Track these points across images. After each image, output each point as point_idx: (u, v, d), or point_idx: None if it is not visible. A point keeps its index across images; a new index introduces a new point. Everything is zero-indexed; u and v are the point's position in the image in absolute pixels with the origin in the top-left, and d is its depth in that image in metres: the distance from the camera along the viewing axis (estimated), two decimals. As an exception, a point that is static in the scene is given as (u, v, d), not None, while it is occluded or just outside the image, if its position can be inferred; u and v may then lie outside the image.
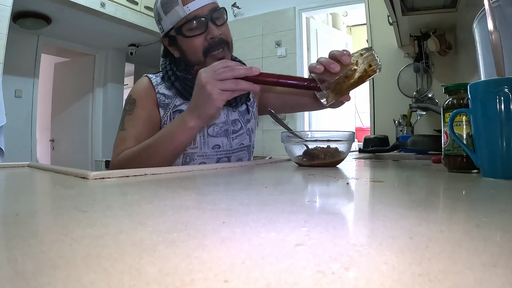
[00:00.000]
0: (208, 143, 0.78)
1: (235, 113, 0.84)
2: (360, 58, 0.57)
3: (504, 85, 0.38)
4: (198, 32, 0.73)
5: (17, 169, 0.59)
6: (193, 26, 0.72)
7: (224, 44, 0.75)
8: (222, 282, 0.11)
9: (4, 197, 0.33)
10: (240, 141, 0.84)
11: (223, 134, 0.80)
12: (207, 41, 0.73)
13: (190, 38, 0.73)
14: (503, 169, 0.39)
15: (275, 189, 0.33)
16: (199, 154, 0.78)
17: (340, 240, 0.16)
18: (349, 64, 0.56)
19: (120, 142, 0.74)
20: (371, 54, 0.57)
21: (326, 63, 0.55)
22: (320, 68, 0.55)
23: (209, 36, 0.73)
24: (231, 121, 0.82)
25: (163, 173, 0.48)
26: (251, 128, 0.88)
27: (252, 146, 0.89)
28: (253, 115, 0.89)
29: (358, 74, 0.56)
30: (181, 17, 0.72)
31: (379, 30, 2.13)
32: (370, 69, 0.57)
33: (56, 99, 4.09)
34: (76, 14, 2.78)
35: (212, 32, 0.72)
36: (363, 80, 0.58)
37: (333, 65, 0.54)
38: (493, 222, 0.19)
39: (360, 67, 0.56)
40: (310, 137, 0.62)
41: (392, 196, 0.31)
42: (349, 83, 0.57)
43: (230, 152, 0.82)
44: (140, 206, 0.24)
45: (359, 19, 4.10)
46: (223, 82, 0.56)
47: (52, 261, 0.13)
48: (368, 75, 0.57)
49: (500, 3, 0.61)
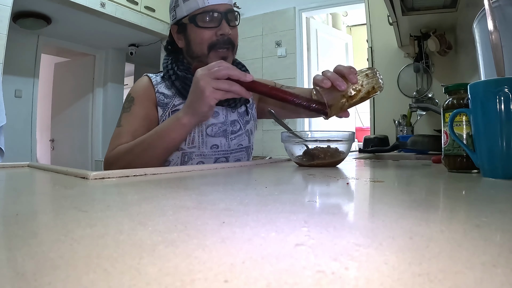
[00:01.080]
0: (206, 143, 0.79)
1: (234, 114, 0.84)
2: (365, 79, 0.57)
3: (504, 85, 0.38)
4: (210, 25, 0.75)
5: (17, 169, 0.59)
6: (207, 19, 0.75)
7: (230, 45, 0.77)
8: (222, 282, 0.11)
9: (4, 197, 0.33)
10: (238, 142, 0.84)
11: (222, 134, 0.81)
12: (216, 36, 0.75)
13: (201, 29, 0.75)
14: (503, 169, 0.39)
15: (275, 189, 0.33)
16: (197, 154, 0.78)
17: (340, 240, 0.16)
18: (355, 83, 0.56)
19: (116, 138, 0.74)
20: (376, 76, 0.57)
21: (333, 79, 0.55)
22: (328, 83, 0.55)
23: (220, 32, 0.75)
24: (230, 122, 0.83)
25: (163, 173, 0.48)
26: (250, 130, 0.88)
27: (251, 148, 0.89)
28: (252, 117, 0.90)
29: (361, 95, 0.57)
30: (199, 7, 0.74)
31: (379, 30, 2.13)
32: (373, 90, 0.57)
33: (56, 99, 4.09)
34: (76, 14, 2.78)
35: (223, 29, 0.75)
36: (364, 100, 0.58)
37: (340, 83, 0.54)
38: (493, 222, 0.19)
39: (364, 88, 0.57)
40: (310, 137, 0.62)
41: (392, 196, 0.31)
42: (352, 102, 0.57)
43: (228, 152, 0.82)
44: (140, 206, 0.24)
45: (359, 19, 4.11)
46: (217, 81, 0.57)
47: (52, 261, 0.13)
48: (369, 96, 0.58)
49: (500, 3, 0.61)
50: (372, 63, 2.14)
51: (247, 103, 0.88)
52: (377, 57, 2.14)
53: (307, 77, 3.02)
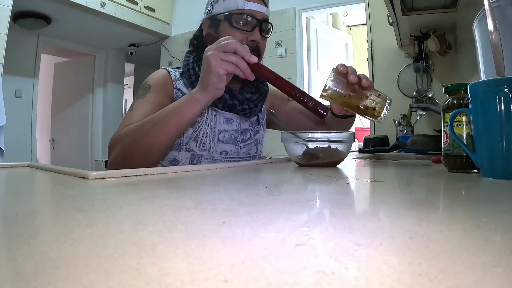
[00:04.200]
0: (216, 148, 0.79)
1: (247, 123, 0.85)
2: (376, 95, 0.60)
3: (504, 85, 0.38)
4: (244, 28, 0.76)
5: (17, 169, 0.59)
6: (243, 21, 0.75)
7: (257, 53, 0.77)
8: (222, 282, 0.11)
9: (4, 197, 0.33)
10: (247, 151, 0.85)
11: (233, 142, 0.81)
12: (246, 41, 0.76)
13: (234, 29, 0.76)
14: (503, 169, 0.39)
15: (275, 189, 0.33)
16: (207, 157, 0.78)
17: (340, 240, 0.16)
18: (365, 89, 0.59)
19: (126, 119, 0.71)
20: (385, 104, 0.60)
21: (352, 71, 0.59)
22: (355, 79, 0.59)
23: (251, 37, 0.76)
24: (241, 130, 0.83)
25: (163, 173, 0.48)
26: (259, 139, 0.89)
27: (258, 157, 0.90)
28: (262, 127, 0.90)
29: (362, 103, 0.59)
30: (238, 8, 0.75)
31: (379, 30, 2.13)
32: (372, 112, 0.60)
33: (56, 99, 4.09)
34: (76, 14, 2.78)
35: (255, 35, 0.76)
36: (359, 111, 0.61)
37: (354, 76, 0.59)
38: (493, 222, 0.19)
39: (369, 100, 0.60)
40: (310, 137, 0.62)
41: (392, 196, 0.31)
42: (351, 102, 0.60)
43: (236, 159, 0.82)
44: (140, 206, 0.24)
45: (359, 19, 4.11)
46: (225, 54, 0.59)
47: (52, 261, 0.13)
48: (364, 112, 0.60)
49: (500, 3, 0.61)
50: (372, 63, 2.14)
51: (259, 112, 0.88)
52: (377, 57, 2.14)
53: (307, 77, 3.02)
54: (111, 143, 0.70)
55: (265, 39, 0.80)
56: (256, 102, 0.81)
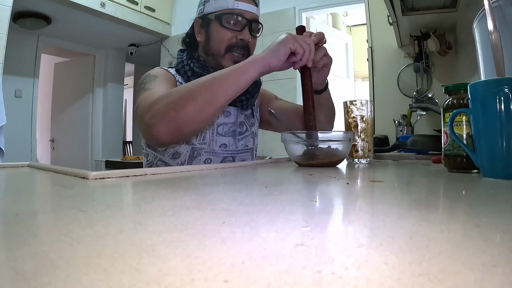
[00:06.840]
0: (216, 141, 0.80)
1: (242, 115, 0.86)
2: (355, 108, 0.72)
3: (504, 85, 0.38)
4: (233, 28, 0.77)
5: (17, 169, 0.59)
6: (233, 21, 0.77)
7: (247, 51, 0.79)
8: (222, 282, 0.11)
9: (4, 197, 0.33)
10: (245, 143, 0.86)
11: (231, 134, 0.83)
12: (236, 39, 0.78)
13: (224, 29, 0.77)
14: (503, 169, 0.39)
15: (275, 189, 0.33)
16: (207, 150, 0.79)
17: (340, 240, 0.16)
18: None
19: (148, 96, 0.65)
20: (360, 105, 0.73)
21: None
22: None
23: (240, 36, 0.78)
24: (239, 123, 0.85)
25: (163, 173, 0.48)
26: (254, 132, 0.91)
27: (255, 149, 0.91)
28: (256, 120, 0.92)
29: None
30: (228, 7, 0.77)
31: (379, 30, 2.13)
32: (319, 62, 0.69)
33: (56, 99, 4.09)
34: (76, 14, 2.78)
35: (244, 35, 0.78)
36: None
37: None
38: (493, 222, 0.19)
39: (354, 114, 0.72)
40: (310, 137, 0.62)
41: (392, 196, 0.31)
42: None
43: (235, 152, 0.84)
44: (140, 206, 0.24)
45: (359, 19, 4.11)
46: (301, 39, 0.64)
47: (52, 261, 0.13)
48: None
49: (500, 3, 0.61)
50: (372, 63, 2.14)
51: (253, 106, 0.90)
52: (377, 57, 2.14)
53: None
54: (148, 105, 0.62)
55: (255, 39, 0.82)
56: (252, 93, 0.83)
